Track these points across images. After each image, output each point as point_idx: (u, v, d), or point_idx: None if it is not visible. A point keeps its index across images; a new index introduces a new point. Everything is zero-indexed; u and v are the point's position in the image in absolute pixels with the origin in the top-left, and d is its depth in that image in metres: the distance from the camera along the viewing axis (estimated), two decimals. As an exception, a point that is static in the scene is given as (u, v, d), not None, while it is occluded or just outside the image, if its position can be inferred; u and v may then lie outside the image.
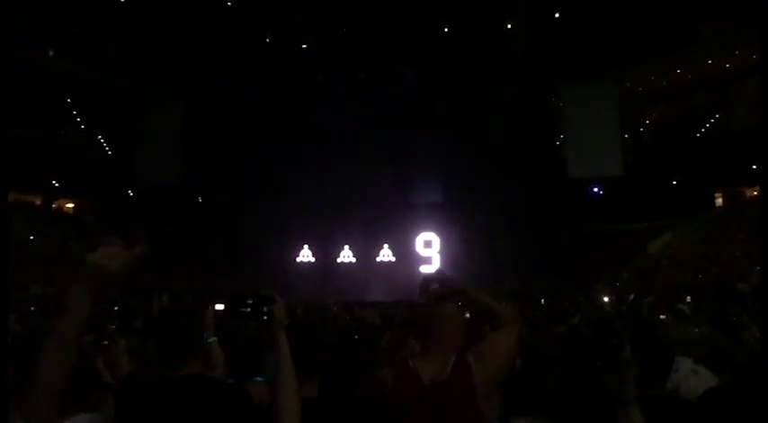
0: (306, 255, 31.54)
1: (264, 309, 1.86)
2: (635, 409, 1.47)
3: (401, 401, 2.15)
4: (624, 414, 1.45)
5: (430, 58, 28.34)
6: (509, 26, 27.97)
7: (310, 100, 29.73)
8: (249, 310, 1.87)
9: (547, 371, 2.67)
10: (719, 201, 30.08)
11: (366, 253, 31.18)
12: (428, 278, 2.35)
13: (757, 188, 27.34)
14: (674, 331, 3.34)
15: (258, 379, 2.61)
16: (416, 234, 31.20)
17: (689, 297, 10.86)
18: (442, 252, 30.87)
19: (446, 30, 27.83)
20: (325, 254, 31.21)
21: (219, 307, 3.60)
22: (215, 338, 2.98)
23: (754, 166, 26.53)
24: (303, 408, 1.80)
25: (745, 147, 25.82)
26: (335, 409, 2.07)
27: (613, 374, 1.45)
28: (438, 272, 2.50)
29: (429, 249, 31.22)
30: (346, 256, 31.49)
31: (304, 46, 28.22)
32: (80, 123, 31.22)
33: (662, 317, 6.21)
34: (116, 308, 7.55)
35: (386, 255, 31.33)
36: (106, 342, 3.26)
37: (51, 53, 27.89)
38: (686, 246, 26.67)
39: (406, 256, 30.90)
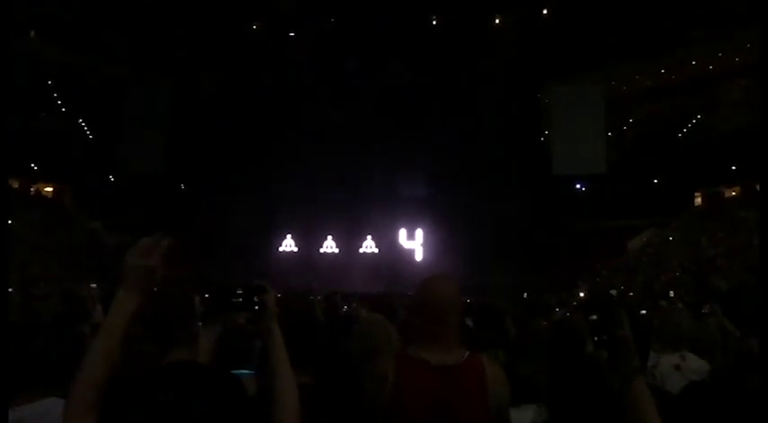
0: (288, 244, 31.41)
1: (255, 299, 1.75)
2: (640, 379, 1.48)
3: (406, 384, 1.94)
4: (630, 386, 1.46)
5: (417, 54, 28.30)
6: (497, 22, 28.06)
7: (297, 91, 29.52)
8: (240, 300, 1.77)
9: (532, 364, 2.71)
10: (698, 200, 30.44)
11: (349, 244, 31.14)
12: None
13: (736, 189, 27.81)
14: (657, 322, 3.42)
15: (244, 372, 2.52)
16: (400, 226, 31.20)
17: (672, 292, 11.04)
18: (424, 245, 30.95)
19: (434, 23, 27.82)
20: (308, 244, 31.11)
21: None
22: (200, 324, 2.94)
23: (734, 167, 26.91)
24: (300, 395, 1.74)
25: (725, 148, 26.20)
26: (332, 395, 2.04)
27: (613, 348, 1.48)
28: None
29: (412, 242, 31.28)
30: (329, 246, 31.41)
31: (291, 34, 28.03)
32: (61, 107, 30.69)
33: (642, 312, 6.31)
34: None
35: (369, 246, 31.31)
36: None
37: (32, 34, 27.34)
38: (665, 244, 27.01)
39: (389, 248, 30.93)
